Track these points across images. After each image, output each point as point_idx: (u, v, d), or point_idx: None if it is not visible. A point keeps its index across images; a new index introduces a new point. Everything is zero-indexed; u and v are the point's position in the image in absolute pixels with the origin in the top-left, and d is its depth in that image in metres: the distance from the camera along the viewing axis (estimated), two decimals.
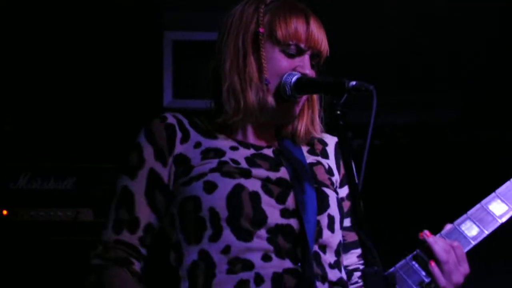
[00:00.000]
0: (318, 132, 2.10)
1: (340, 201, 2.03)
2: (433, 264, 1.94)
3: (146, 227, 1.96)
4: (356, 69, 4.29)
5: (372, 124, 1.76)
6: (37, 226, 4.01)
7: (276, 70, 1.98)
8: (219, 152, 1.97)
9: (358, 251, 2.12)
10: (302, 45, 1.99)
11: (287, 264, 1.87)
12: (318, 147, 2.13)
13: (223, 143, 2.01)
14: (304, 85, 1.95)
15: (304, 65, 1.99)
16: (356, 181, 1.77)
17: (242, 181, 1.90)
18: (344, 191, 2.11)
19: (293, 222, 1.91)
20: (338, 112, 1.80)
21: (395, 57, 4.50)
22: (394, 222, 4.75)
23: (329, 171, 2.09)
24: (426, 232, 1.97)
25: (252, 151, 2.01)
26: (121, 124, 4.59)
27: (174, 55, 4.13)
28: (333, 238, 1.98)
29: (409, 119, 5.07)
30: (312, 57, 2.02)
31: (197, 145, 1.99)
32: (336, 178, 2.10)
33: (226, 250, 1.86)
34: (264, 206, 1.89)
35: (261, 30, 1.99)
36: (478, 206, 2.06)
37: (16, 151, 4.41)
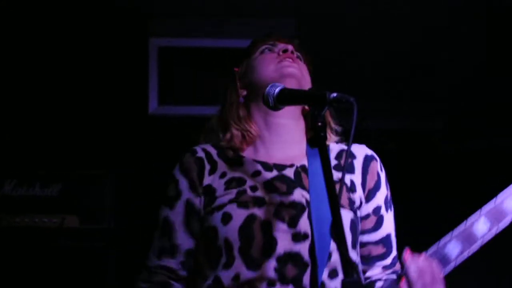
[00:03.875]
0: (331, 135, 2.19)
1: (354, 220, 2.08)
2: (402, 282, 1.96)
3: (186, 252, 2.12)
4: (346, 74, 4.32)
5: (352, 135, 1.79)
6: (23, 232, 4.00)
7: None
8: (240, 181, 2.09)
9: (384, 262, 2.18)
10: (271, 43, 2.22)
11: None
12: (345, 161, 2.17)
13: (247, 169, 2.12)
14: (286, 96, 1.99)
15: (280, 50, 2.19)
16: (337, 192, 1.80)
17: (255, 210, 2.01)
18: (370, 206, 2.16)
19: (303, 247, 1.99)
20: (319, 124, 1.83)
21: (386, 63, 4.52)
22: None
23: (351, 188, 2.13)
24: (406, 250, 1.98)
25: (274, 173, 2.10)
26: (106, 130, 4.60)
27: (160, 61, 4.14)
28: None
29: (396, 125, 5.09)
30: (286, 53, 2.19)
31: (223, 175, 2.12)
32: (359, 194, 2.14)
33: (236, 277, 1.99)
34: (275, 233, 1.99)
35: (241, 100, 2.21)
36: (462, 225, 2.05)
37: (1, 158, 4.40)
